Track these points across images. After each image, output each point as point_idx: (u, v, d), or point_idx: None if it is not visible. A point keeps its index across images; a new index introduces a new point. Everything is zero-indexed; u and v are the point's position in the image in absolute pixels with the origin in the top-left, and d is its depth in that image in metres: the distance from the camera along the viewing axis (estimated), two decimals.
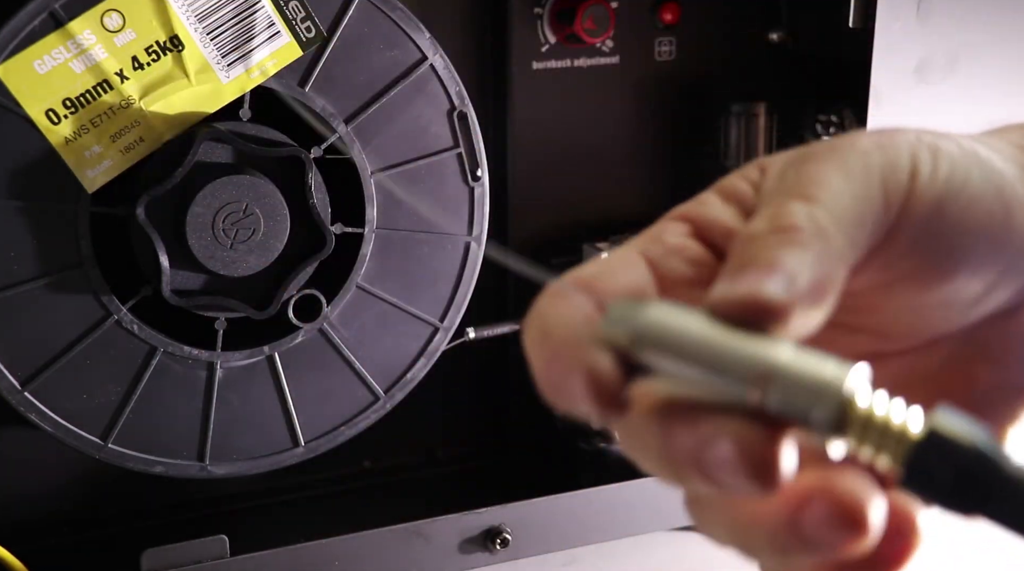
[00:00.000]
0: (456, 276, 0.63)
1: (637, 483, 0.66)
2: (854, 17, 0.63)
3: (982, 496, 0.24)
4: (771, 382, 0.24)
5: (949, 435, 0.24)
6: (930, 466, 0.24)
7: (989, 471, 0.24)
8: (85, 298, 0.57)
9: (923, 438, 0.24)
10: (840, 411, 0.24)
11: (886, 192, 0.27)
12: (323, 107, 0.59)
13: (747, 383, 0.25)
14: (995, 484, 0.24)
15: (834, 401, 0.24)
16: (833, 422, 0.24)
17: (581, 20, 0.66)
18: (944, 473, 0.24)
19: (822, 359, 0.25)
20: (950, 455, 0.24)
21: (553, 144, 0.69)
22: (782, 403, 0.24)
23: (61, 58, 0.53)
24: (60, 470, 0.64)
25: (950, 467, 0.24)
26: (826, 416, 0.24)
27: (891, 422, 0.24)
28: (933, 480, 0.24)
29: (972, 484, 0.24)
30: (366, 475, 0.72)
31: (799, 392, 0.24)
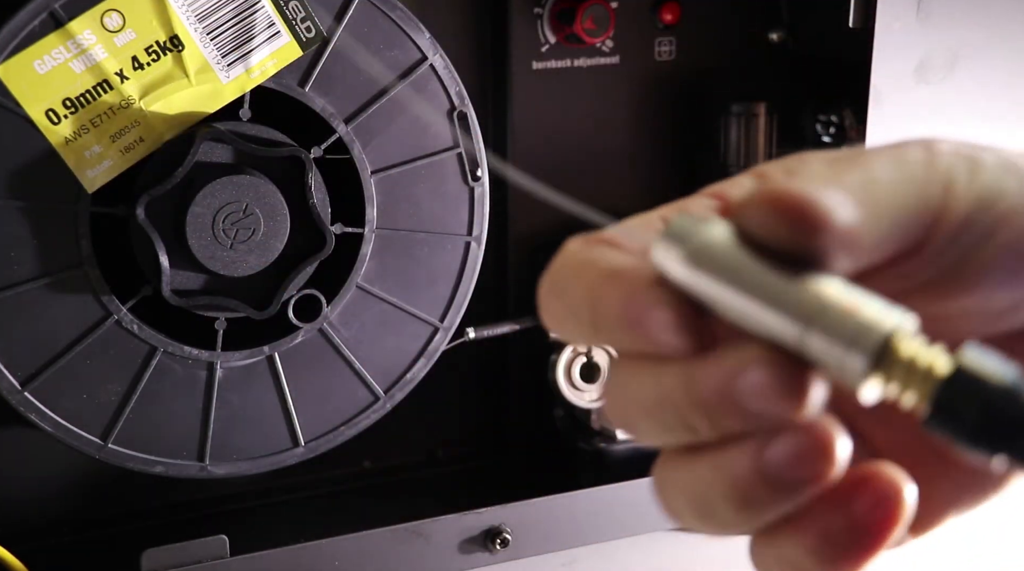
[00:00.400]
0: (456, 276, 0.63)
1: (637, 483, 0.66)
2: (854, 17, 0.63)
3: (1010, 433, 0.23)
4: (818, 315, 0.24)
5: (977, 371, 0.23)
6: (957, 403, 0.23)
7: (1018, 409, 0.23)
8: (85, 298, 0.57)
9: (951, 374, 0.24)
10: (881, 349, 0.24)
11: (923, 207, 0.27)
12: (323, 107, 0.59)
13: (794, 314, 0.24)
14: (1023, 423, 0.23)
15: (878, 339, 0.24)
16: (873, 360, 0.24)
17: (581, 20, 0.66)
18: (970, 410, 0.23)
19: (870, 297, 0.24)
20: (978, 391, 0.23)
21: (553, 144, 0.70)
22: (826, 337, 0.24)
23: (61, 58, 0.53)
24: (60, 470, 0.64)
25: (977, 403, 0.23)
26: (868, 353, 0.24)
27: (919, 359, 0.24)
28: (959, 417, 0.23)
29: (999, 421, 0.23)
30: (366, 475, 0.72)
31: (844, 326, 0.24)
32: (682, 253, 0.26)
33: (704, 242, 0.26)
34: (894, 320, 0.24)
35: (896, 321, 0.24)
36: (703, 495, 0.28)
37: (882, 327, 0.24)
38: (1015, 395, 0.23)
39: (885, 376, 0.24)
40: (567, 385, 0.69)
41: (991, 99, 0.65)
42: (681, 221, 0.26)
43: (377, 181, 0.61)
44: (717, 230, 0.26)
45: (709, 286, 0.26)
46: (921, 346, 0.24)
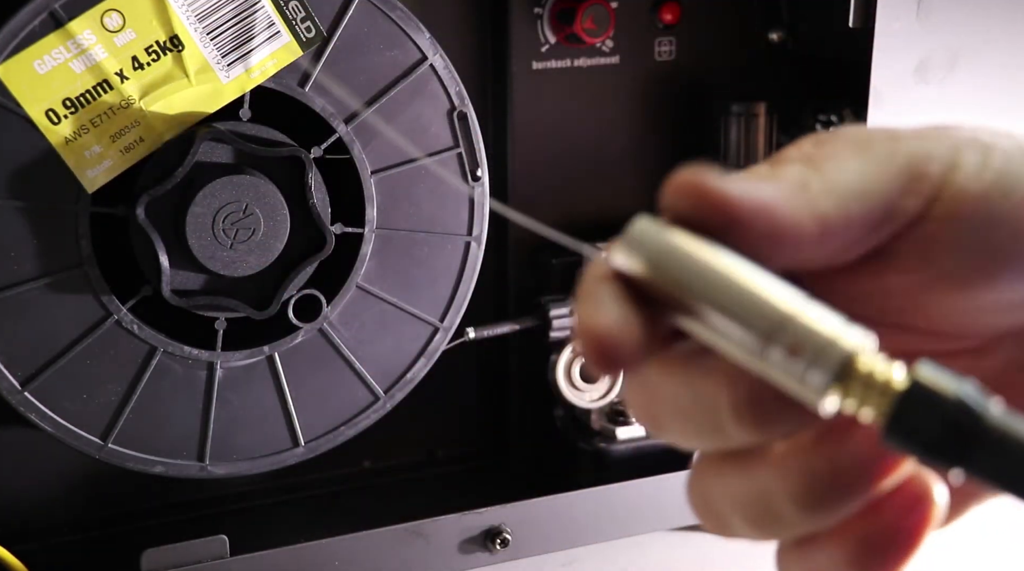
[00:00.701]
0: (456, 276, 0.63)
1: (637, 483, 0.66)
2: (854, 17, 0.63)
3: (964, 448, 0.23)
4: (780, 330, 0.24)
5: (932, 386, 0.24)
6: (912, 417, 0.24)
7: (972, 422, 0.23)
8: (85, 298, 0.57)
9: (906, 390, 0.24)
10: (842, 366, 0.24)
11: (910, 178, 0.27)
12: (323, 107, 0.59)
13: (755, 329, 0.24)
14: (978, 436, 0.23)
15: (839, 356, 0.24)
16: (833, 377, 0.24)
17: (581, 20, 0.66)
18: (926, 424, 0.23)
19: (831, 314, 0.25)
20: (933, 406, 0.24)
21: (553, 144, 0.70)
22: (787, 353, 0.24)
23: (61, 58, 0.53)
24: (60, 470, 0.64)
25: (932, 418, 0.23)
26: (828, 370, 0.24)
27: (876, 375, 0.24)
28: (915, 431, 0.24)
29: (954, 435, 0.23)
30: (366, 475, 0.72)
31: (807, 342, 0.24)
32: (641, 260, 0.26)
33: (664, 249, 0.26)
34: (854, 338, 0.24)
35: (856, 339, 0.24)
36: (763, 500, 0.27)
37: (843, 344, 0.24)
38: (968, 409, 0.23)
39: (844, 391, 0.24)
40: (567, 385, 0.69)
41: (991, 99, 0.65)
42: (640, 226, 0.26)
43: (377, 181, 0.61)
44: (679, 237, 0.26)
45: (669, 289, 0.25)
46: (879, 362, 0.24)
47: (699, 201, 0.26)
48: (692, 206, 0.26)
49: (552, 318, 0.67)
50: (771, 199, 0.26)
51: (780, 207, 0.26)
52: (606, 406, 0.70)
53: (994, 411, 0.24)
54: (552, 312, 0.68)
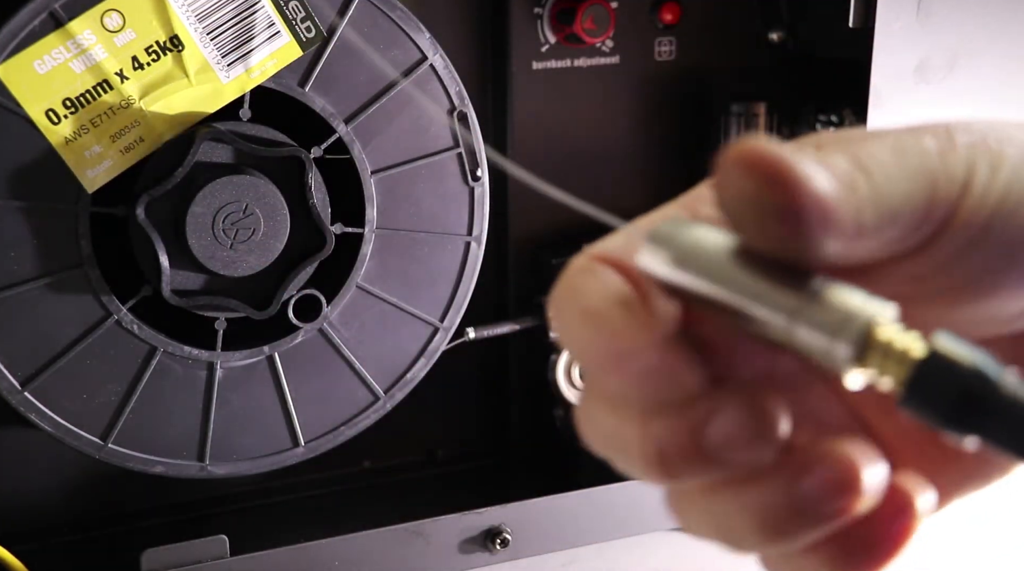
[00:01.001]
0: (456, 276, 0.63)
1: (637, 483, 0.65)
2: (854, 17, 0.63)
3: (980, 415, 0.24)
4: (803, 308, 0.25)
5: (950, 355, 0.24)
6: (930, 385, 0.24)
7: (988, 391, 0.24)
8: (85, 298, 0.57)
9: (924, 358, 0.24)
10: (864, 338, 0.25)
11: (933, 200, 0.26)
12: (323, 107, 0.59)
13: (781, 308, 0.25)
14: (993, 403, 0.24)
15: (860, 328, 0.25)
16: (856, 349, 0.25)
17: (581, 20, 0.66)
18: (943, 392, 0.24)
19: (852, 290, 0.25)
20: (950, 374, 0.24)
21: (553, 144, 0.70)
22: (811, 329, 0.25)
23: (61, 58, 0.53)
24: (60, 470, 0.64)
25: (949, 386, 0.24)
26: (851, 342, 0.25)
27: (896, 344, 0.25)
28: (932, 399, 0.24)
29: (970, 403, 0.24)
30: (366, 475, 0.72)
31: (828, 317, 0.25)
32: (668, 256, 0.27)
33: (690, 244, 0.26)
34: (875, 309, 0.25)
35: (877, 310, 0.25)
36: (728, 526, 0.27)
37: (863, 316, 0.25)
38: (985, 378, 0.24)
39: (869, 363, 0.25)
40: (567, 385, 0.69)
41: (991, 99, 0.65)
42: (667, 224, 0.27)
43: (377, 181, 0.61)
44: (704, 232, 0.27)
45: (697, 285, 0.26)
46: (899, 332, 0.25)
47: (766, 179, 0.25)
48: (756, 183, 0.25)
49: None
50: (828, 193, 0.25)
51: (832, 203, 0.25)
52: None
53: (1010, 380, 0.24)
54: None
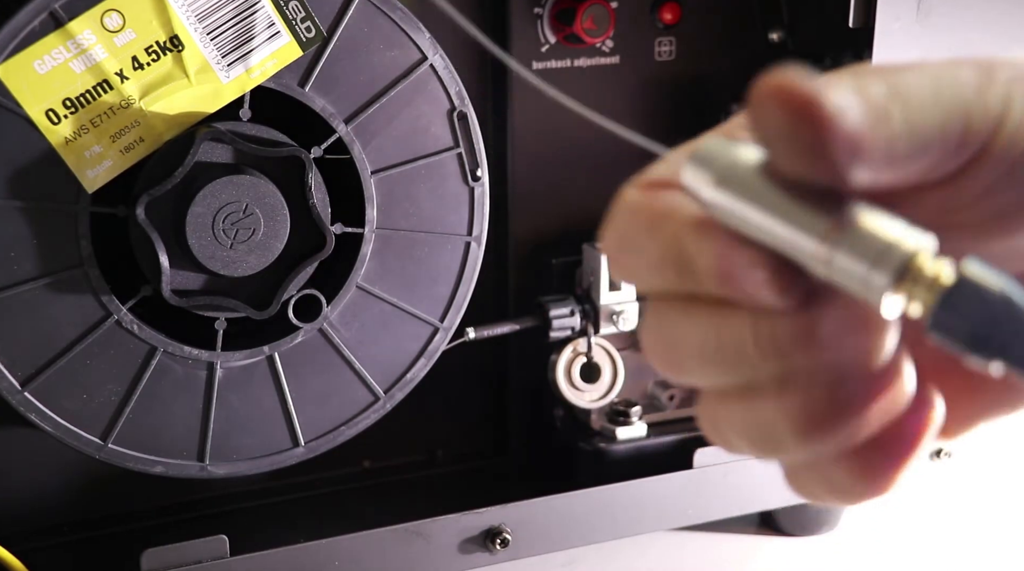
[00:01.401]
0: (456, 276, 0.63)
1: (637, 483, 0.66)
2: (854, 17, 0.63)
3: (1006, 339, 0.24)
4: (843, 236, 0.25)
5: (978, 281, 0.25)
6: (958, 310, 0.25)
7: (1014, 316, 0.24)
8: (85, 298, 0.57)
9: (953, 284, 0.25)
10: (903, 268, 0.25)
11: (967, 132, 0.26)
12: (323, 107, 0.59)
13: (821, 235, 0.25)
14: (1019, 329, 0.24)
15: (900, 258, 0.25)
16: (895, 278, 0.25)
17: (581, 20, 0.66)
18: (970, 317, 0.24)
19: (892, 219, 0.25)
20: (978, 300, 0.24)
21: (553, 144, 0.70)
22: (851, 257, 0.25)
23: (61, 58, 0.53)
24: (60, 470, 0.64)
25: (976, 311, 0.24)
26: (890, 271, 0.25)
27: (926, 271, 0.25)
28: (960, 324, 0.25)
29: (996, 328, 0.24)
30: (366, 475, 0.72)
31: (870, 245, 0.25)
32: (711, 176, 0.27)
33: (732, 164, 0.27)
34: (914, 239, 0.25)
35: (916, 239, 0.25)
36: (766, 432, 0.28)
37: (904, 247, 0.25)
38: (1011, 303, 0.24)
39: (904, 291, 0.25)
40: (567, 385, 0.69)
41: None
42: (710, 144, 0.27)
43: (377, 181, 0.61)
44: (746, 152, 0.27)
45: (738, 208, 0.26)
46: (932, 261, 0.25)
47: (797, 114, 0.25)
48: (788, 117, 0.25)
49: (552, 318, 0.67)
50: (858, 126, 0.25)
51: (863, 135, 0.25)
52: (606, 406, 0.70)
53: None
54: (552, 312, 0.68)
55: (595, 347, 0.69)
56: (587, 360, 0.69)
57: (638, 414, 0.69)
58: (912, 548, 0.73)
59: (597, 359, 0.69)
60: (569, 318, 0.68)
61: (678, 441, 0.69)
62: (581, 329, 0.68)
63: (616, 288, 0.68)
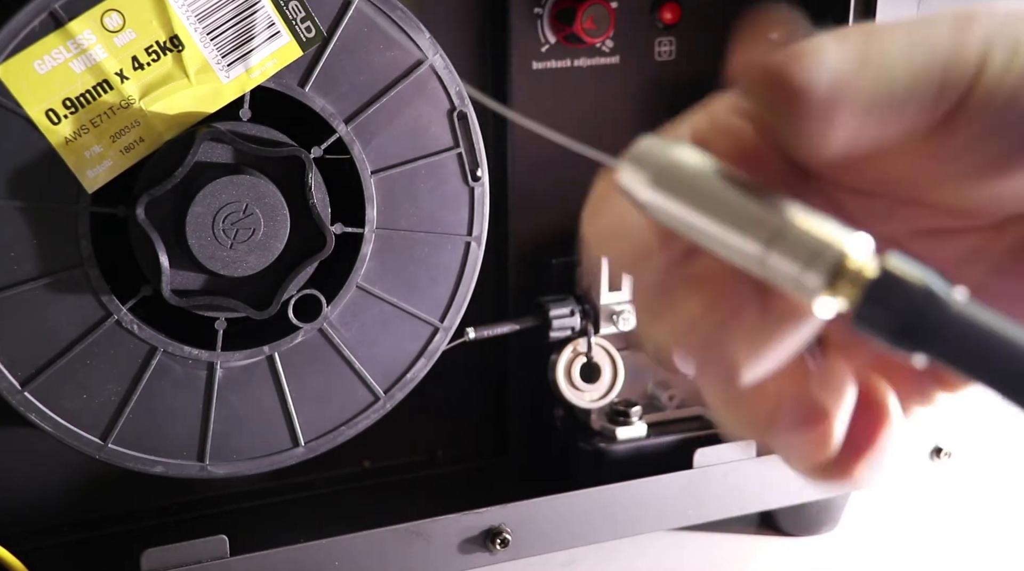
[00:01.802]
0: (456, 276, 0.63)
1: (637, 483, 0.66)
2: (854, 17, 0.63)
3: (928, 333, 0.25)
4: (777, 237, 0.26)
5: (900, 274, 0.25)
6: (881, 304, 0.25)
7: (936, 309, 0.24)
8: (85, 298, 0.57)
9: (876, 278, 0.25)
10: (836, 268, 0.25)
11: (944, 85, 0.27)
12: (323, 107, 0.59)
13: (756, 235, 0.26)
14: (941, 322, 0.24)
15: (833, 258, 0.25)
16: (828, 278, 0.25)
17: (581, 20, 0.66)
18: (893, 311, 0.25)
19: (825, 220, 0.26)
20: (900, 293, 0.25)
21: (553, 144, 0.69)
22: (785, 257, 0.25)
23: (61, 58, 0.53)
24: (60, 470, 0.64)
25: (899, 304, 0.25)
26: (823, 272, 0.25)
27: (854, 268, 0.25)
28: (883, 318, 0.25)
29: (919, 322, 0.25)
30: (366, 475, 0.72)
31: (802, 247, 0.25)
32: (647, 177, 0.27)
33: (668, 165, 0.27)
34: (846, 239, 0.25)
35: (848, 240, 0.25)
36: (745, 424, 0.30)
37: (835, 248, 0.25)
38: (933, 297, 0.25)
39: (836, 291, 0.25)
40: (567, 385, 0.69)
41: None
42: (647, 144, 0.28)
43: (377, 181, 0.61)
44: (682, 153, 0.27)
45: (673, 208, 0.27)
46: (859, 258, 0.25)
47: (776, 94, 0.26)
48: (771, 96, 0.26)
49: (552, 318, 0.67)
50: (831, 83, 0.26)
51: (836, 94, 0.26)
52: (606, 406, 0.70)
53: (957, 299, 0.25)
54: (552, 312, 0.68)
55: (595, 347, 0.69)
56: (587, 360, 0.69)
57: (638, 414, 0.69)
58: (912, 548, 0.73)
59: (597, 359, 0.69)
60: (569, 318, 0.68)
61: (678, 441, 0.69)
62: (581, 329, 0.68)
63: (616, 288, 0.68)
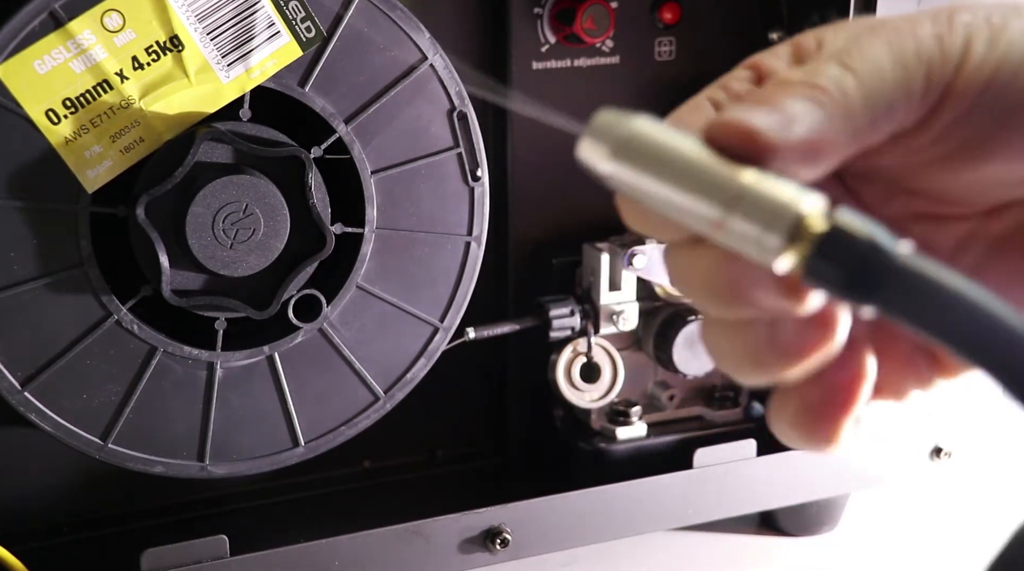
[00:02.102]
0: (456, 276, 0.63)
1: (637, 483, 0.66)
2: (854, 17, 0.63)
3: (875, 285, 0.26)
4: (737, 200, 0.26)
5: (848, 229, 0.26)
6: (830, 257, 0.26)
7: (883, 261, 0.25)
8: (85, 298, 0.57)
9: (825, 232, 0.26)
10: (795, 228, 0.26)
11: (928, 83, 0.28)
12: (323, 107, 0.59)
13: (713, 202, 0.27)
14: (887, 273, 0.25)
15: (792, 219, 0.26)
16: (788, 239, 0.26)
17: (581, 20, 0.66)
18: (842, 263, 0.26)
19: (785, 182, 0.27)
20: (848, 247, 0.26)
21: (553, 144, 0.69)
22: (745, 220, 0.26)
23: (61, 58, 0.53)
24: (60, 470, 0.64)
25: (848, 257, 0.26)
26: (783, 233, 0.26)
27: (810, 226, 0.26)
28: (832, 270, 0.26)
29: (865, 273, 0.26)
30: (366, 475, 0.72)
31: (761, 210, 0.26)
32: (606, 149, 0.28)
33: (628, 137, 0.28)
34: (803, 200, 0.26)
35: (805, 201, 0.26)
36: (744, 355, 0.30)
37: (793, 209, 0.26)
38: (880, 249, 0.25)
39: (795, 250, 0.26)
40: (567, 385, 0.69)
41: None
42: (606, 117, 0.28)
43: (377, 181, 0.61)
44: (641, 125, 0.28)
45: (634, 179, 0.28)
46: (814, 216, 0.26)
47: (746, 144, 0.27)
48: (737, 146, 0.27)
49: (552, 318, 0.67)
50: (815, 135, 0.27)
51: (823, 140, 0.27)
52: (606, 406, 0.70)
53: (903, 251, 0.26)
54: (552, 312, 0.67)
55: (595, 347, 0.69)
56: (587, 360, 0.69)
57: (638, 414, 0.69)
58: (912, 548, 0.73)
59: (597, 359, 0.69)
60: (569, 318, 0.68)
61: (678, 441, 0.69)
62: (581, 329, 0.68)
63: (616, 288, 0.68)
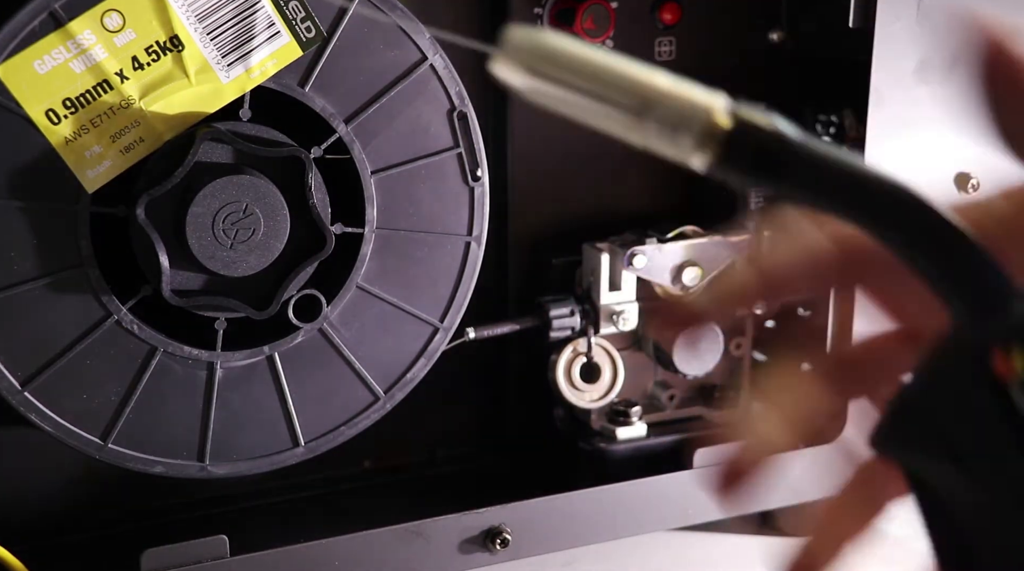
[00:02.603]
0: (456, 276, 0.63)
1: (637, 483, 0.66)
2: (854, 17, 0.63)
3: (780, 169, 0.28)
4: (652, 103, 0.28)
5: (751, 121, 0.28)
6: (738, 149, 0.28)
7: (784, 146, 0.28)
8: (85, 298, 0.57)
9: (732, 127, 0.28)
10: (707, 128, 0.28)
11: None
12: (323, 107, 0.59)
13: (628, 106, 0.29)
14: (791, 158, 0.28)
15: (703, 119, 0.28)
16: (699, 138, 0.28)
17: (581, 20, 0.66)
18: (749, 152, 0.28)
19: (692, 85, 0.29)
20: (753, 136, 0.28)
21: (553, 144, 0.69)
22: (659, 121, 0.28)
23: (61, 58, 0.53)
24: (60, 470, 0.64)
25: (754, 145, 0.28)
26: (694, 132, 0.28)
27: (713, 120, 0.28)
28: (742, 158, 0.28)
29: (771, 160, 0.28)
30: (366, 475, 0.72)
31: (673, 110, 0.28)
32: (521, 63, 0.29)
33: (540, 49, 0.29)
34: (712, 99, 0.28)
35: (711, 99, 0.28)
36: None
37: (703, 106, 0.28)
38: (782, 136, 0.28)
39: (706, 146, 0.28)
40: (567, 385, 0.69)
41: None
42: (518, 32, 0.30)
43: (377, 181, 0.61)
44: (551, 37, 0.29)
45: (550, 91, 0.30)
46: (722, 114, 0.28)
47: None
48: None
49: (552, 318, 0.67)
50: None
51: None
52: (606, 406, 0.70)
53: (802, 137, 0.28)
54: (552, 312, 0.68)
55: (595, 347, 0.69)
56: (587, 360, 0.69)
57: (638, 414, 0.69)
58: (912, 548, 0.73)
59: (597, 359, 0.69)
60: (569, 318, 0.68)
61: (678, 441, 0.69)
62: (581, 329, 0.68)
63: (616, 288, 0.68)
